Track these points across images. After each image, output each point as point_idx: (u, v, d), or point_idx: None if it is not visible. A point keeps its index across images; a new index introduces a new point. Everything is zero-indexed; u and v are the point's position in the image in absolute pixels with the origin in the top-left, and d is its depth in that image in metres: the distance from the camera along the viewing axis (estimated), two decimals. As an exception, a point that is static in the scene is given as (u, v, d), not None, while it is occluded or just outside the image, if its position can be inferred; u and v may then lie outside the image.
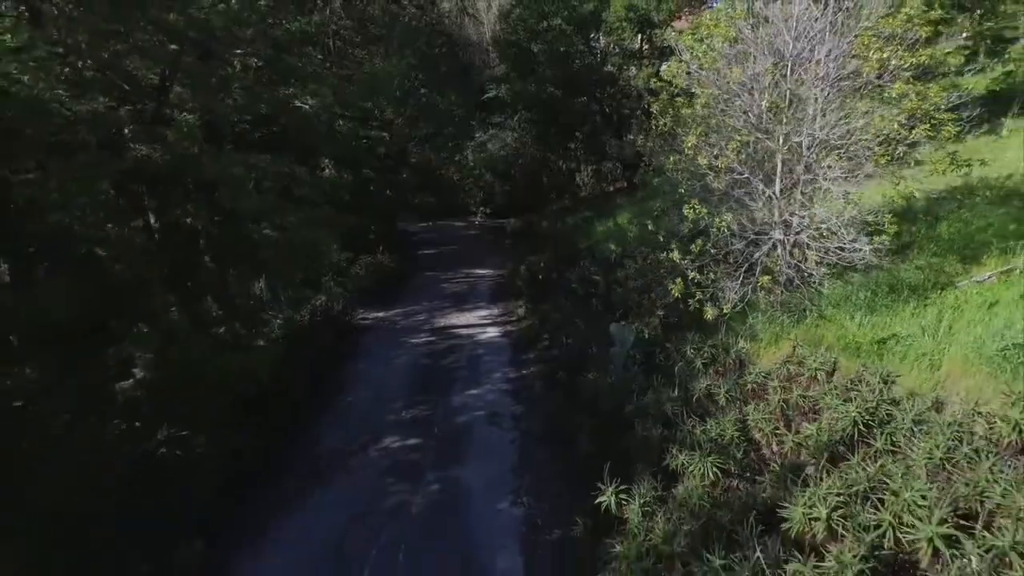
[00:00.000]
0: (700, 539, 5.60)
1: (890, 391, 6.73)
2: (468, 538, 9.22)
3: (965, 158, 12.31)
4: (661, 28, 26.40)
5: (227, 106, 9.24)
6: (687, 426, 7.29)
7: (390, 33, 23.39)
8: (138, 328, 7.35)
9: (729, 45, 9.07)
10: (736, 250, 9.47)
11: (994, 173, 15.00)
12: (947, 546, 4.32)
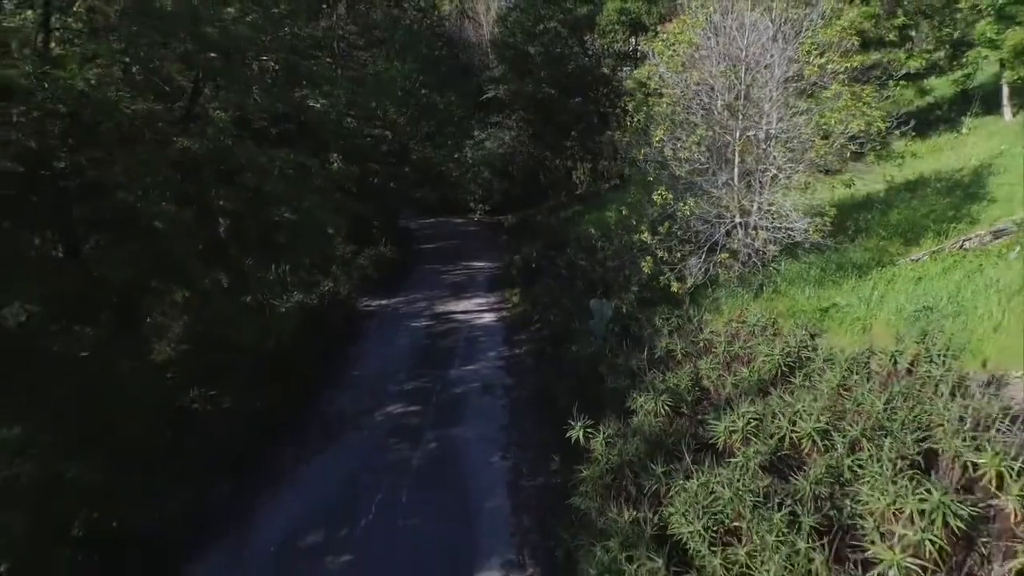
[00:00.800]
0: (648, 456, 6.96)
1: (814, 342, 8.10)
2: (462, 484, 10.60)
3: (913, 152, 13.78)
4: (652, 31, 27.77)
5: (251, 105, 10.64)
6: (649, 377, 8.64)
7: (392, 36, 24.81)
8: (180, 291, 8.74)
9: (691, 51, 10.43)
10: (700, 231, 10.85)
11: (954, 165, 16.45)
12: (821, 439, 5.67)
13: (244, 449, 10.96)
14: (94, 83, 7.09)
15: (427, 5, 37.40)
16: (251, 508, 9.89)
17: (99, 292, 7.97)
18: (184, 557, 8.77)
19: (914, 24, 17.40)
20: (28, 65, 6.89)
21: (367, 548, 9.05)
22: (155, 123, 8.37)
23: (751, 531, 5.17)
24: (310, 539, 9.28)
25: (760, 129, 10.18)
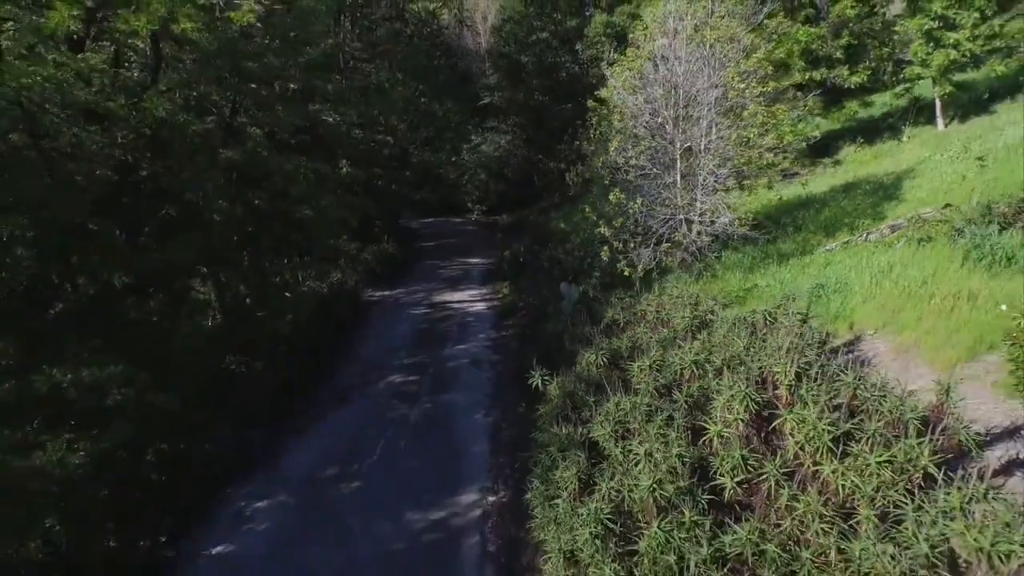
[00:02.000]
0: (585, 392, 9.39)
1: (717, 310, 10.53)
2: (453, 434, 13.04)
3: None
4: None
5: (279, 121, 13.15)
6: (597, 340, 11.06)
7: (394, 49, 27.30)
8: (225, 273, 11.22)
9: (638, 76, 12.85)
10: (649, 226, 13.27)
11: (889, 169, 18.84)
12: (696, 367, 8.09)
13: (272, 406, 13.45)
14: (170, 110, 9.58)
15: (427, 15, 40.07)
16: (280, 449, 12.39)
17: (167, 272, 10.46)
18: (228, 482, 11.27)
19: (859, 44, 19.79)
20: (122, 97, 9.39)
21: (372, 478, 11.50)
22: (209, 139, 10.85)
23: (642, 430, 7.55)
24: (328, 472, 11.76)
25: (695, 142, 12.60)
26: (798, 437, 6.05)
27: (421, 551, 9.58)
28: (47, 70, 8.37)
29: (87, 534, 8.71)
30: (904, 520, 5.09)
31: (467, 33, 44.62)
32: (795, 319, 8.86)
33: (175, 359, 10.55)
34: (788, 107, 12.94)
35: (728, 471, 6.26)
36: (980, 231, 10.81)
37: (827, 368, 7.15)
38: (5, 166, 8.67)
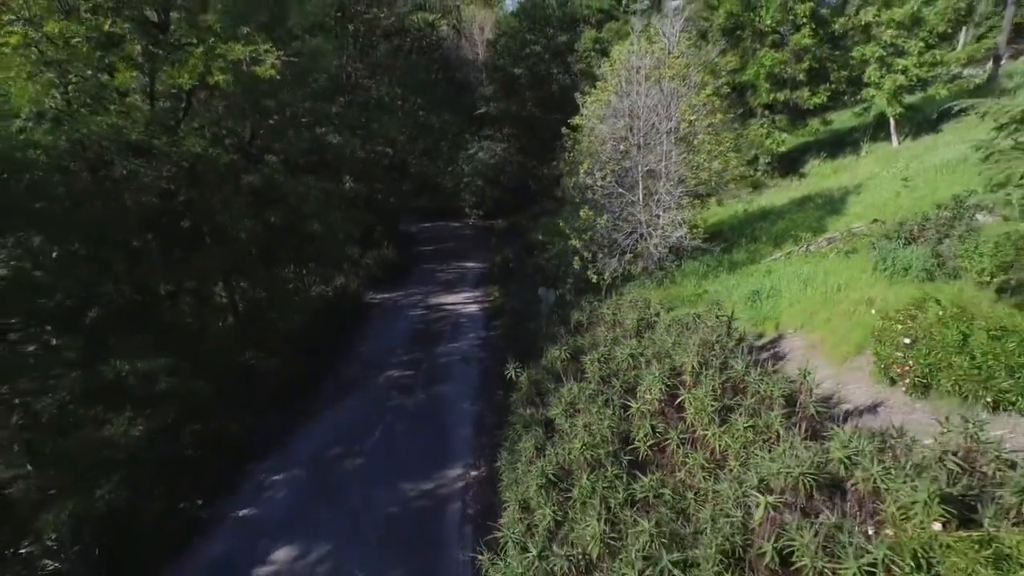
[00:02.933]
0: (548, 379, 11.44)
1: (665, 312, 12.57)
2: (442, 420, 15.10)
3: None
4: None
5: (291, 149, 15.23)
6: (564, 338, 13.12)
7: (393, 64, 29.34)
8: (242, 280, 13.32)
9: (606, 106, 14.88)
10: (614, 239, 15.31)
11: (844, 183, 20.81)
12: (632, 359, 10.15)
13: (284, 396, 15.54)
14: (203, 145, 11.67)
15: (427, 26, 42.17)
16: (292, 433, 14.47)
17: (198, 280, 12.55)
18: (248, 458, 13.34)
19: (820, 67, 21.79)
20: (164, 136, 11.48)
21: (372, 456, 13.57)
22: (233, 168, 12.93)
23: (586, 409, 9.58)
24: (333, 451, 13.83)
25: (654, 165, 14.62)
26: (692, 411, 8.10)
27: (412, 514, 11.64)
28: (110, 119, 10.47)
29: (140, 496, 10.79)
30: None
31: (465, 43, 46.67)
32: (721, 320, 10.90)
33: (205, 355, 12.65)
34: (734, 135, 14.93)
35: (642, 438, 8.31)
36: (888, 246, 12.81)
37: (731, 359, 9.19)
38: (69, 194, 10.78)
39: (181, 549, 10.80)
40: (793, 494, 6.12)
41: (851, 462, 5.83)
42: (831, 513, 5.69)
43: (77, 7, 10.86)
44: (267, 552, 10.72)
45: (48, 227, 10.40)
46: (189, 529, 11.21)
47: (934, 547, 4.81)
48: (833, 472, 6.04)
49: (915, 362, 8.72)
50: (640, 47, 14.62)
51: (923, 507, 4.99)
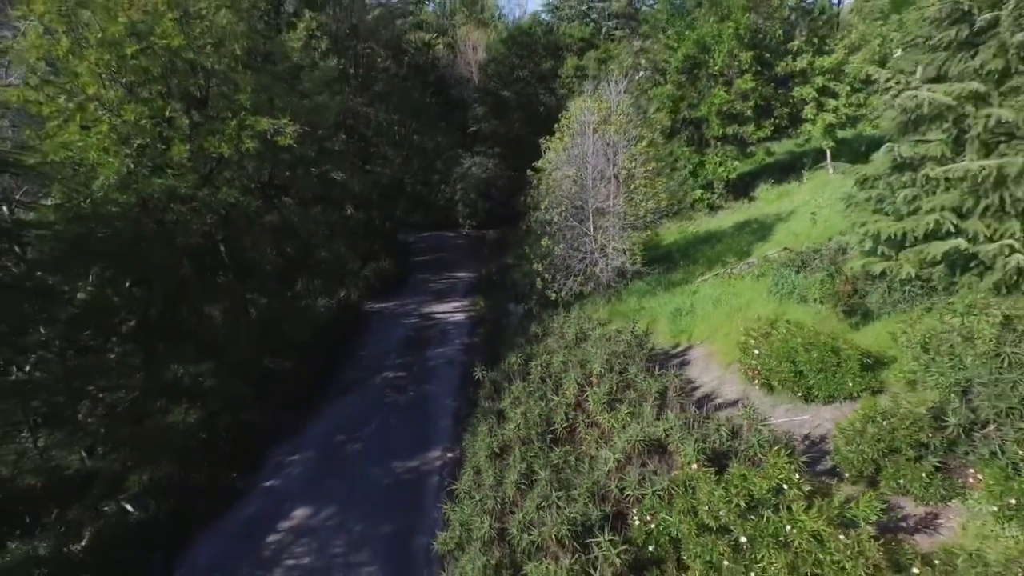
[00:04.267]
0: (503, 380, 15.00)
1: (600, 327, 16.10)
2: (428, 413, 18.66)
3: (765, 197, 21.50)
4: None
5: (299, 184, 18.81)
6: (522, 346, 16.66)
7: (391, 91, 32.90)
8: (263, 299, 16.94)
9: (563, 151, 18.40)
10: (569, 264, 18.84)
11: (783, 208, 24.23)
12: (563, 364, 13.69)
13: (296, 394, 19.15)
14: (235, 195, 15.28)
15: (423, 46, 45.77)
16: (303, 424, 18.07)
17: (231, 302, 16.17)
18: (270, 443, 16.94)
19: (764, 104, 25.23)
20: (205, 188, 15.09)
21: (370, 441, 17.15)
22: (258, 212, 16.54)
23: (526, 401, 13.11)
24: (338, 438, 17.42)
25: (602, 203, 18.14)
26: (592, 402, 11.65)
27: (400, 485, 15.21)
28: (167, 180, 14.10)
29: (189, 471, 14.42)
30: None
31: (459, 61, 50.19)
32: (635, 335, 14.45)
33: (235, 360, 16.27)
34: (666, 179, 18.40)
35: (559, 421, 11.87)
36: (783, 272, 16.28)
37: (629, 365, 12.73)
38: (134, 238, 14.40)
39: (223, 510, 14.42)
40: (634, 454, 9.67)
41: (666, 434, 9.37)
42: (652, 463, 9.23)
43: (140, 91, 14.52)
44: (288, 512, 14.32)
45: (120, 263, 14.04)
46: (227, 495, 14.83)
47: (693, 479, 8.33)
48: (660, 439, 9.58)
49: (761, 367, 12.23)
50: (591, 105, 18.15)
51: (692, 456, 8.51)
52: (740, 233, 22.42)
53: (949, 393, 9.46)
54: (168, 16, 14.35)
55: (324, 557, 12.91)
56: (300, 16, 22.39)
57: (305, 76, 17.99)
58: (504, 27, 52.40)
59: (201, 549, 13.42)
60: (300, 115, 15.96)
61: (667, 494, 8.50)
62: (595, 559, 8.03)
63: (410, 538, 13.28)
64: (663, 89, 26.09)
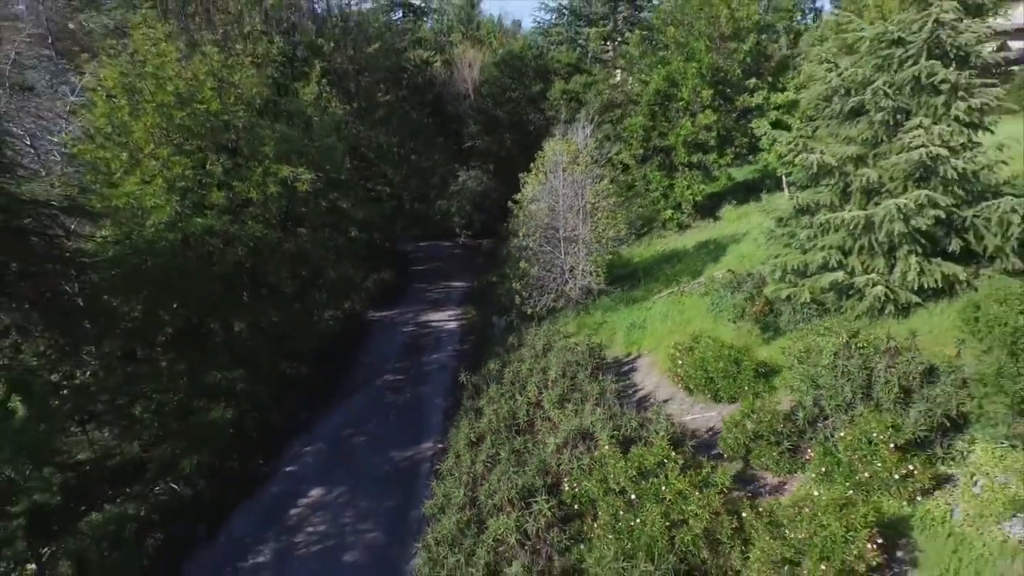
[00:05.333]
0: (485, 381, 18.50)
1: (564, 338, 19.58)
2: (422, 412, 22.19)
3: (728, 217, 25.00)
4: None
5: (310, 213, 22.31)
6: (500, 354, 20.16)
7: (390, 119, 36.38)
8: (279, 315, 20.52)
9: (538, 186, 21.86)
10: (544, 283, 22.33)
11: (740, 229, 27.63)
12: (529, 370, 17.14)
13: (310, 396, 22.71)
14: (261, 230, 18.81)
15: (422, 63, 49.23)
16: (316, 421, 21.63)
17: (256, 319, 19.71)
18: (288, 436, 20.48)
19: (726, 134, 28.65)
20: (236, 226, 18.60)
21: (372, 435, 20.69)
22: (279, 242, 20.08)
23: (498, 400, 16.58)
24: (345, 432, 20.96)
25: (571, 232, 21.62)
26: (547, 402, 15.14)
27: (397, 471, 18.74)
28: (207, 220, 17.64)
29: (225, 459, 17.95)
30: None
31: (456, 77, 53.65)
32: (590, 346, 17.95)
33: (258, 367, 19.81)
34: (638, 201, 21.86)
35: (522, 416, 15.38)
36: (721, 293, 19.68)
37: (579, 372, 16.22)
38: (179, 268, 17.92)
39: (253, 490, 17.97)
40: (571, 439, 13.18)
41: (593, 425, 12.87)
42: (581, 447, 12.73)
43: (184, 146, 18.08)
44: (305, 492, 17.86)
45: (167, 288, 17.58)
46: (256, 479, 18.38)
47: (606, 457, 11.82)
48: (588, 428, 13.09)
49: (683, 374, 15.70)
50: (562, 147, 21.65)
51: (606, 440, 12.00)
52: (698, 253, 25.86)
53: (805, 394, 12.91)
54: (207, 85, 17.90)
55: (336, 526, 16.46)
56: (310, 64, 25.93)
57: (316, 123, 21.52)
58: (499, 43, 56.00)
59: (237, 521, 16.96)
60: (312, 156, 19.45)
61: (588, 468, 11.99)
62: (535, 513, 11.53)
63: (406, 511, 16.81)
64: (636, 120, 29.54)
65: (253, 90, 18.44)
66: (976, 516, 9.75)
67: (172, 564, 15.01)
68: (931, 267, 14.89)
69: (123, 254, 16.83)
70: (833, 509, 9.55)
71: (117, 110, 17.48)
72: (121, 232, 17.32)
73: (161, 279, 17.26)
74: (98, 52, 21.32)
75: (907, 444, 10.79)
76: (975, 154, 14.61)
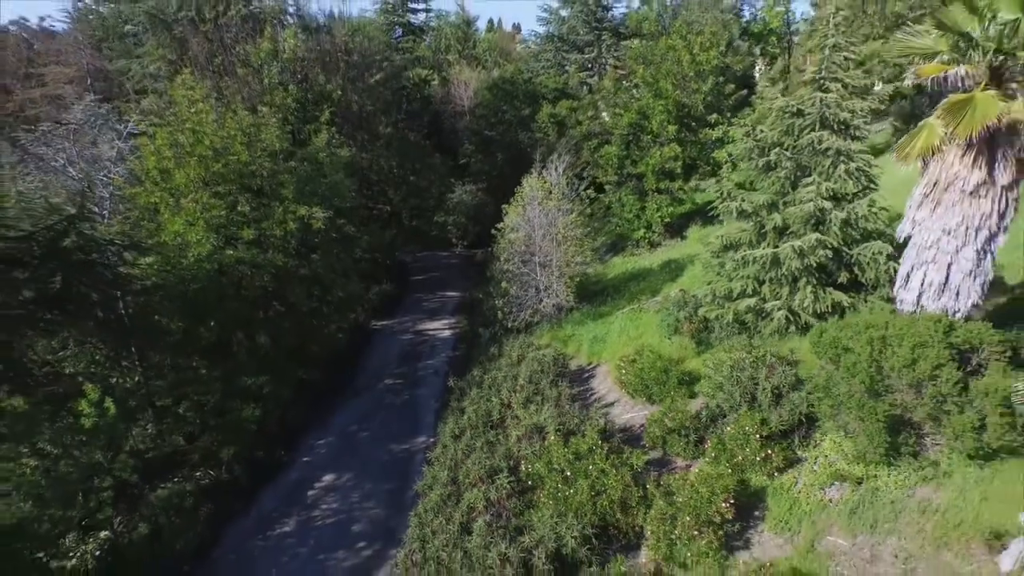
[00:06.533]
0: (469, 385, 22.64)
1: (540, 348, 23.67)
2: (417, 412, 26.34)
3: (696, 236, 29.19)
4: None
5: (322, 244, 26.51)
6: (482, 363, 24.29)
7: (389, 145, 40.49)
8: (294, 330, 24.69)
9: (518, 216, 25.96)
10: (522, 301, 26.45)
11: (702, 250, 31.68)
12: (501, 376, 21.27)
13: (321, 397, 26.91)
14: (284, 261, 23.01)
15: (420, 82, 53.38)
16: (326, 419, 25.80)
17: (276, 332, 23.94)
18: (304, 433, 24.66)
19: (692, 163, 32.70)
20: (261, 256, 22.81)
21: (374, 432, 24.85)
22: (296, 269, 24.26)
23: (477, 401, 20.68)
24: (351, 428, 25.13)
25: (544, 257, 25.71)
26: (515, 402, 19.27)
27: (396, 461, 22.90)
28: (239, 253, 21.84)
29: (254, 450, 22.15)
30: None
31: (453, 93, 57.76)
32: (554, 356, 22.08)
33: (281, 372, 24.01)
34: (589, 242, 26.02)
35: (495, 415, 19.52)
36: (670, 310, 23.73)
37: (542, 378, 20.34)
38: (216, 292, 22.09)
39: (276, 475, 22.16)
40: (529, 432, 17.32)
41: (545, 421, 17.00)
42: (536, 438, 16.85)
43: (218, 189, 22.26)
44: (320, 477, 22.03)
45: (204, 308, 21.76)
46: (279, 466, 22.57)
47: (552, 445, 15.92)
48: (541, 424, 17.22)
49: (626, 381, 19.80)
50: (537, 184, 25.75)
51: (552, 432, 16.11)
52: (661, 272, 29.95)
53: (712, 398, 16.99)
54: (238, 140, 22.09)
55: (346, 504, 20.62)
56: (320, 108, 30.08)
57: (326, 164, 25.69)
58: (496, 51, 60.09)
59: (265, 499, 21.13)
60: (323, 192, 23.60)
61: (539, 453, 16.13)
62: (498, 487, 15.67)
63: (402, 492, 20.93)
64: (611, 149, 33.62)
65: (276, 144, 22.61)
66: (809, 485, 13.86)
67: (217, 531, 19.20)
68: (824, 295, 18.99)
69: (169, 281, 21.02)
70: (704, 480, 13.67)
71: (164, 160, 21.66)
72: (165, 261, 21.49)
73: (200, 301, 21.45)
74: (134, 94, 25.58)
75: (772, 435, 14.91)
76: (855, 206, 18.66)
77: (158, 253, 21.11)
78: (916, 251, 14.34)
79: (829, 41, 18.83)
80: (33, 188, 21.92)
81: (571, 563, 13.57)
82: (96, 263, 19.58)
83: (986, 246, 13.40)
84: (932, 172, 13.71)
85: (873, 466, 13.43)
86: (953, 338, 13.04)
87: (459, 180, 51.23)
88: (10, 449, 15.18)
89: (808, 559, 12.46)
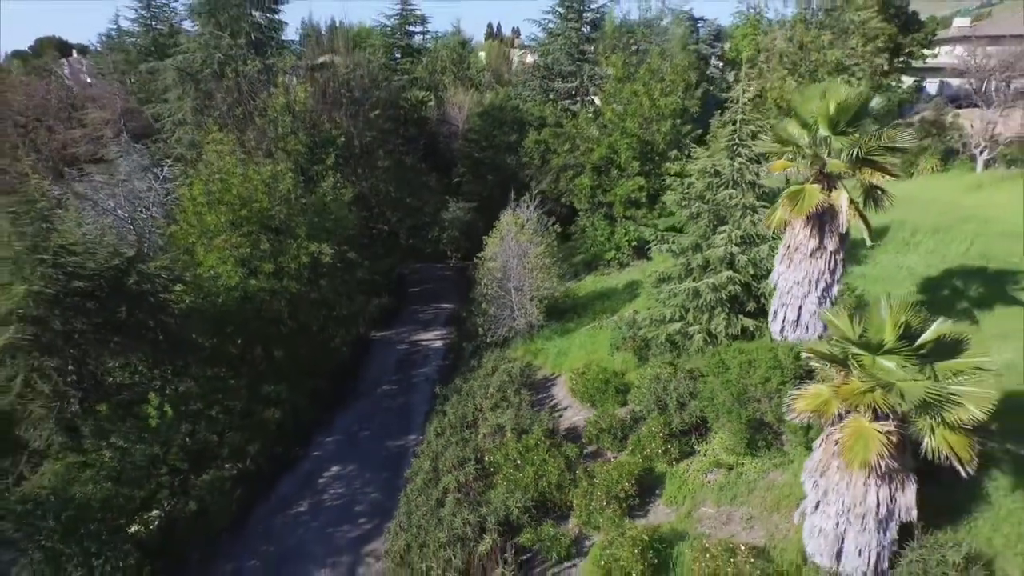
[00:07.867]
0: (451, 392, 27.87)
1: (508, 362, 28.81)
2: (409, 414, 31.56)
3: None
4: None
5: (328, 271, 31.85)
6: (463, 371, 29.51)
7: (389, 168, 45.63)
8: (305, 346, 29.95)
9: (498, 244, 31.10)
10: (499, 318, 31.63)
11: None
12: (477, 386, 26.43)
13: (327, 402, 32.20)
14: (298, 288, 28.30)
15: (417, 103, 58.58)
16: (332, 420, 31.08)
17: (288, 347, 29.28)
18: (312, 432, 29.93)
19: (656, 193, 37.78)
20: (279, 285, 28.09)
21: (373, 430, 30.13)
22: (308, 293, 29.54)
23: (457, 406, 25.83)
24: (353, 428, 30.41)
25: (519, 282, 30.86)
26: (486, 406, 24.47)
27: (391, 455, 28.16)
28: (260, 283, 27.15)
29: (273, 446, 27.42)
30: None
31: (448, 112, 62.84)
32: (522, 368, 27.28)
33: (294, 381, 29.32)
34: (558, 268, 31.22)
35: (470, 416, 24.73)
36: (621, 328, 28.79)
37: (508, 387, 25.54)
38: (240, 316, 27.38)
39: (292, 466, 27.43)
40: (493, 431, 22.54)
41: (505, 421, 22.18)
42: (498, 435, 22.03)
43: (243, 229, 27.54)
44: (328, 468, 27.30)
45: (231, 330, 27.04)
46: (294, 459, 27.84)
47: (509, 441, 21.10)
48: (502, 423, 22.40)
49: (576, 389, 24.95)
50: (512, 219, 30.90)
51: (509, 430, 21.29)
52: (623, 292, 35.09)
53: (637, 404, 22.12)
54: (260, 190, 27.37)
55: (350, 489, 25.89)
56: (327, 152, 35.33)
57: (332, 204, 30.98)
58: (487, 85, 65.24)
59: (282, 487, 26.40)
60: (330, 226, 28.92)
61: (498, 447, 21.34)
62: (466, 472, 20.88)
63: (396, 480, 26.19)
64: (584, 180, 38.73)
65: (291, 193, 27.91)
66: (695, 471, 19.04)
67: (245, 511, 24.48)
68: (735, 320, 24.11)
69: (202, 306, 26.32)
70: (617, 467, 18.86)
71: (198, 205, 26.97)
72: (199, 290, 26.76)
73: (228, 322, 26.75)
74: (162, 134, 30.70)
75: (675, 434, 20.08)
76: (759, 249, 23.74)
77: (197, 285, 26.41)
78: (779, 295, 19.45)
79: (739, 116, 23.92)
80: (90, 230, 27.30)
81: (516, 527, 18.78)
82: (148, 293, 24.98)
83: (825, 293, 18.50)
84: (787, 237, 18.79)
85: (741, 456, 18.58)
86: (799, 362, 18.17)
87: (453, 197, 56.42)
88: (95, 443, 20.47)
89: (684, 523, 17.63)
